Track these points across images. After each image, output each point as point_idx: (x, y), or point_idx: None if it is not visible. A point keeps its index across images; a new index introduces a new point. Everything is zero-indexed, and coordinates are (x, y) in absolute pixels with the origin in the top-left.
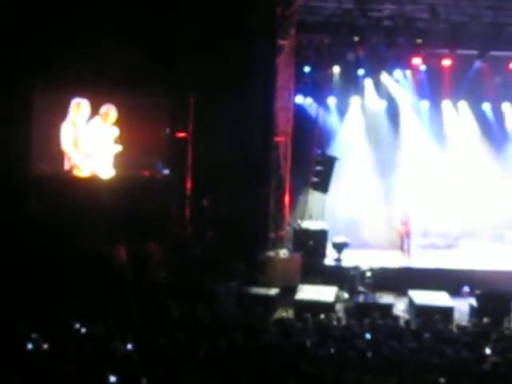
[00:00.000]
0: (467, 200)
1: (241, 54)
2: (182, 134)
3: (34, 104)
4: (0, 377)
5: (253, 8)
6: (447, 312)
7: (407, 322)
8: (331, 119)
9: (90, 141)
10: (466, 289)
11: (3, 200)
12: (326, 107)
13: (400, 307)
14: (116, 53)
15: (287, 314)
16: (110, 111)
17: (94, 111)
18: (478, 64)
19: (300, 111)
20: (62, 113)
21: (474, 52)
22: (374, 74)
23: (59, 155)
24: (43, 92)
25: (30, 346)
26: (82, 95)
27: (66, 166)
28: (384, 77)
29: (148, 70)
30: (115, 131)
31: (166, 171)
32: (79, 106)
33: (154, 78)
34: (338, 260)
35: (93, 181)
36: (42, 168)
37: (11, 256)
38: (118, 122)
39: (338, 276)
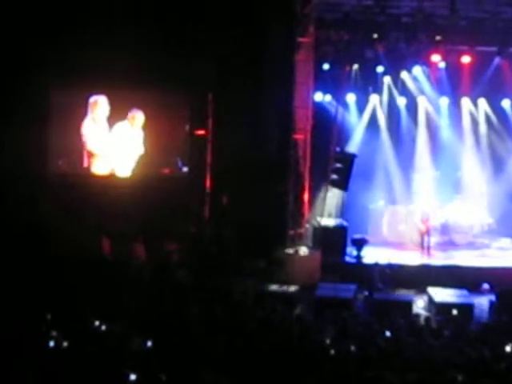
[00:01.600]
0: (487, 197)
1: (259, 51)
2: (201, 132)
3: (51, 101)
4: (18, 374)
5: (271, 5)
6: (467, 309)
7: (427, 320)
8: (350, 116)
9: (114, 141)
10: (486, 286)
11: (21, 198)
12: (345, 104)
13: (420, 304)
14: (133, 50)
15: (307, 311)
16: (136, 115)
17: (114, 109)
18: (497, 60)
19: (319, 108)
20: (80, 110)
21: (494, 48)
22: (393, 71)
23: (78, 152)
24: (60, 89)
25: (51, 344)
26: (99, 92)
27: (85, 164)
28: (403, 74)
29: (166, 67)
30: (142, 134)
31: (185, 169)
32: (97, 103)
33: (172, 75)
34: (358, 257)
35: (112, 179)
36: (60, 165)
37: (29, 253)
38: None
39: (358, 273)
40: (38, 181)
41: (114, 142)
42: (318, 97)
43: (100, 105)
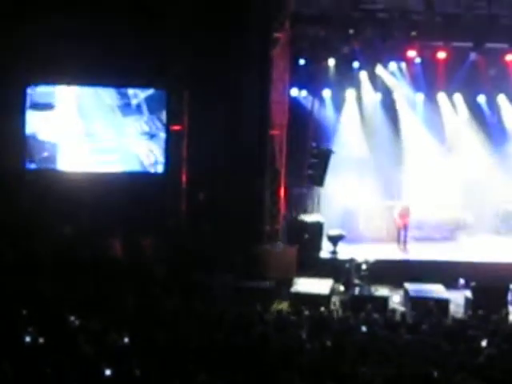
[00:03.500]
0: (463, 192)
1: (236, 47)
2: (177, 128)
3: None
4: None
5: (247, 1)
6: (443, 304)
7: (403, 315)
8: (326, 112)
9: (89, 136)
10: (462, 281)
11: None
12: (321, 100)
13: (396, 300)
14: (111, 45)
15: (283, 306)
16: (113, 107)
17: (91, 104)
18: (473, 56)
19: (295, 104)
20: (53, 105)
21: (469, 44)
22: (369, 66)
23: (53, 148)
24: (36, 84)
25: (27, 339)
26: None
27: (60, 160)
28: (379, 69)
29: (143, 63)
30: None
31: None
32: (71, 98)
33: (149, 71)
34: (334, 253)
35: (87, 176)
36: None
37: (5, 250)
38: None
39: (334, 269)
40: (14, 177)
41: (89, 138)
42: (294, 92)
43: (74, 99)
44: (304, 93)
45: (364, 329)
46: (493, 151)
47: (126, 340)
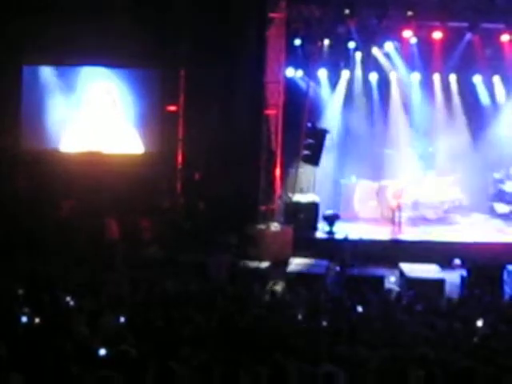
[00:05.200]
0: (458, 172)
1: (231, 27)
2: (172, 108)
3: (23, 78)
4: None
5: None
6: (438, 284)
7: (398, 295)
8: (322, 92)
9: (89, 116)
10: (457, 261)
11: None
12: (316, 80)
13: (391, 280)
14: (106, 25)
15: (278, 287)
16: (109, 88)
17: (86, 85)
18: (469, 36)
19: (291, 84)
20: (52, 86)
21: (465, 24)
22: (364, 46)
23: (50, 131)
24: (31, 65)
25: (24, 320)
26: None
27: (57, 141)
28: (375, 49)
29: (139, 42)
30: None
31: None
32: (69, 77)
33: (145, 50)
34: (329, 233)
35: (83, 156)
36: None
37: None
38: None
39: (329, 249)
40: (11, 157)
41: (86, 118)
42: (290, 72)
43: (71, 80)
44: (300, 73)
45: (360, 309)
46: (487, 131)
47: (122, 320)
